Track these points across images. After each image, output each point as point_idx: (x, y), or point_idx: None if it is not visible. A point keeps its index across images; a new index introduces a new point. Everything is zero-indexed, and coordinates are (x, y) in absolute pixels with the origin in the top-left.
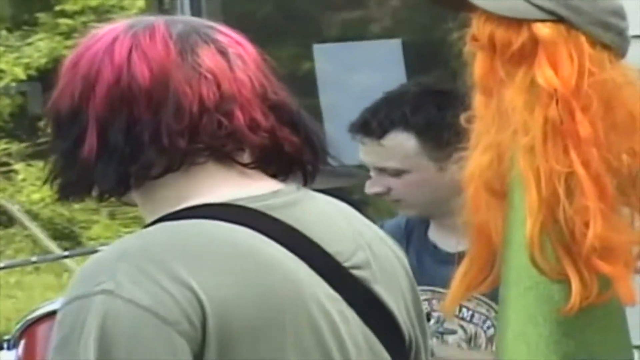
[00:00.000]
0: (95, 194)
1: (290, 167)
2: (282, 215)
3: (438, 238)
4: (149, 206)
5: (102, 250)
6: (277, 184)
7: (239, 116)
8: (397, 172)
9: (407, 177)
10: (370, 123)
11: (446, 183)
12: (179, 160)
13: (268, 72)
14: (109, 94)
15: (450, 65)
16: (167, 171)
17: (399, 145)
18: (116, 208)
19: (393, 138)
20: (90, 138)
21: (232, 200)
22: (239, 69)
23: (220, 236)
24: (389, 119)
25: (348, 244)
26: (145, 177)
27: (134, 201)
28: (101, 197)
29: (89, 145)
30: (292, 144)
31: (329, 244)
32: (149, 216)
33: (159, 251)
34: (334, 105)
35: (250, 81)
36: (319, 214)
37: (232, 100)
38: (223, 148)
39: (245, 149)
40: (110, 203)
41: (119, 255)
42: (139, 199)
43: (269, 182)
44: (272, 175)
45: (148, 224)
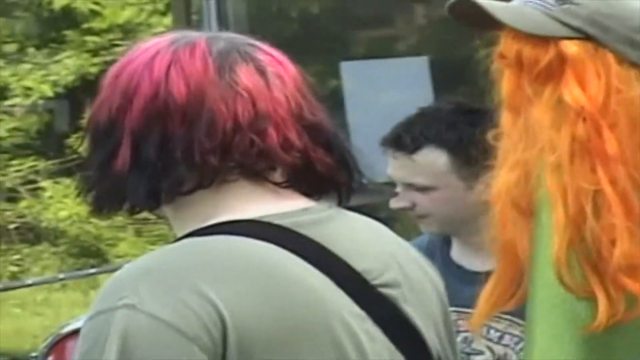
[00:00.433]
0: (126, 208)
1: (322, 187)
2: (311, 232)
3: (462, 257)
4: (179, 221)
5: (127, 266)
6: (308, 202)
7: (272, 135)
8: (425, 189)
9: (434, 194)
10: (403, 138)
11: (472, 202)
12: (210, 177)
13: (307, 92)
14: (146, 108)
15: (477, 83)
16: (198, 188)
17: (431, 161)
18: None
19: (425, 154)
20: (124, 151)
21: (260, 217)
22: (277, 88)
23: (244, 252)
24: (423, 134)
25: (377, 263)
26: (175, 193)
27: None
28: (132, 211)
29: (123, 158)
30: (325, 165)
31: (357, 261)
32: (179, 232)
33: (181, 266)
34: (361, 122)
35: (287, 100)
36: (349, 232)
37: (267, 119)
38: (254, 167)
39: (277, 168)
40: (137, 220)
41: (142, 270)
42: (170, 213)
43: (300, 200)
44: (305, 194)
45: (176, 239)
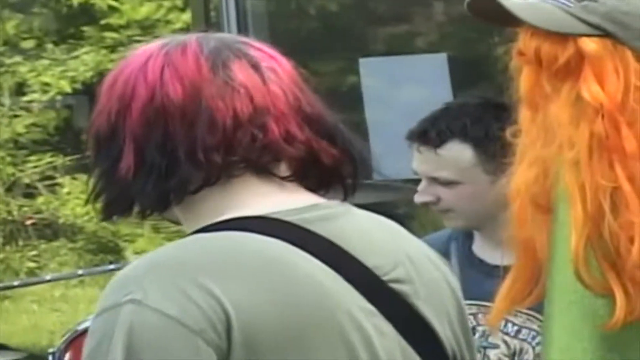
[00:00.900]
0: (136, 211)
1: (328, 180)
2: (319, 228)
3: (483, 252)
4: (189, 221)
5: (134, 262)
6: (317, 198)
7: (273, 129)
8: (449, 183)
9: (459, 189)
10: (429, 132)
11: (496, 196)
12: (216, 174)
13: (303, 86)
14: (144, 112)
15: (496, 80)
16: (204, 185)
17: (456, 155)
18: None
19: (450, 148)
20: (127, 156)
21: (269, 213)
22: (272, 82)
23: (251, 248)
24: (449, 129)
25: (388, 259)
26: (183, 192)
27: (176, 217)
28: (143, 214)
29: (126, 163)
30: (330, 156)
31: (367, 257)
32: (190, 231)
33: (187, 262)
34: (380, 119)
35: (284, 94)
36: (359, 229)
37: (266, 113)
38: (259, 161)
39: (281, 161)
40: (154, 217)
41: (148, 266)
42: (180, 214)
43: (308, 196)
44: (312, 190)
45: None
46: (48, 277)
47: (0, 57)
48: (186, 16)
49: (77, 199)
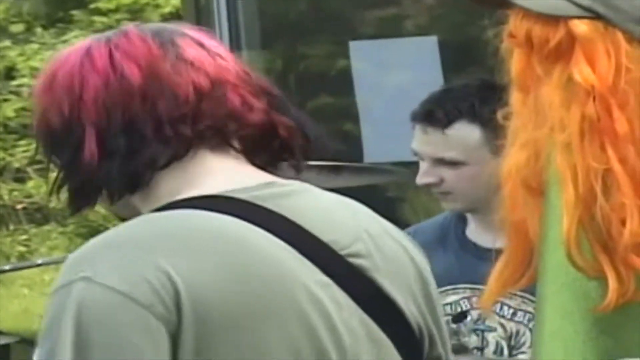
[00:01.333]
0: (104, 198)
1: (280, 156)
2: (272, 205)
3: (477, 235)
4: (148, 206)
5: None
6: (272, 177)
7: (232, 98)
8: (455, 163)
9: (464, 169)
10: (436, 112)
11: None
12: (184, 147)
13: (244, 64)
14: (98, 98)
15: (486, 63)
16: (173, 160)
17: (464, 136)
18: None
19: (458, 128)
20: (89, 143)
21: (223, 192)
22: (219, 57)
23: (204, 225)
24: (457, 109)
25: (346, 234)
26: (152, 170)
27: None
28: (111, 200)
29: (89, 150)
30: (287, 128)
31: (323, 232)
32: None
33: (138, 240)
34: (370, 102)
35: (233, 68)
36: (316, 206)
37: (222, 85)
38: (225, 129)
39: (240, 134)
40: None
41: (100, 244)
42: (139, 201)
43: (263, 175)
44: (264, 167)
45: None
46: (39, 262)
47: None
48: (175, 1)
49: None
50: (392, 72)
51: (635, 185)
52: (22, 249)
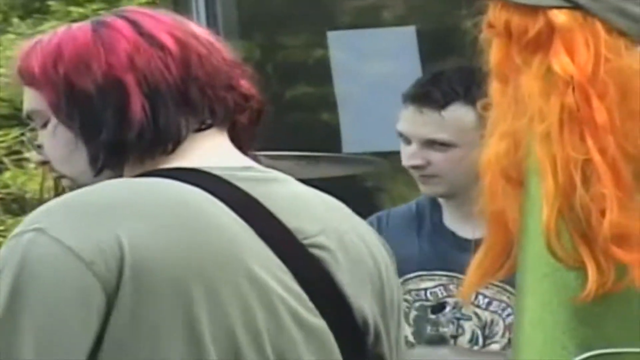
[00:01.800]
0: (149, 149)
1: (248, 136)
2: (247, 186)
3: (455, 225)
4: (131, 172)
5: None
6: (253, 163)
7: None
8: (446, 145)
9: (453, 152)
10: (433, 93)
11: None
12: (225, 113)
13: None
14: (133, 59)
15: (465, 52)
16: (214, 123)
17: (459, 117)
18: None
19: (454, 110)
20: (134, 97)
21: (202, 167)
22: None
23: (166, 192)
24: (453, 90)
25: (312, 225)
26: (205, 127)
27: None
28: (164, 148)
29: (134, 103)
30: (257, 102)
31: (289, 220)
32: None
33: (97, 200)
34: (348, 92)
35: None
36: (288, 195)
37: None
38: (228, 100)
39: (240, 107)
40: None
41: (61, 202)
42: (129, 172)
43: (246, 159)
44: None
45: None
46: None
47: None
48: None
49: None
50: (371, 62)
51: (615, 175)
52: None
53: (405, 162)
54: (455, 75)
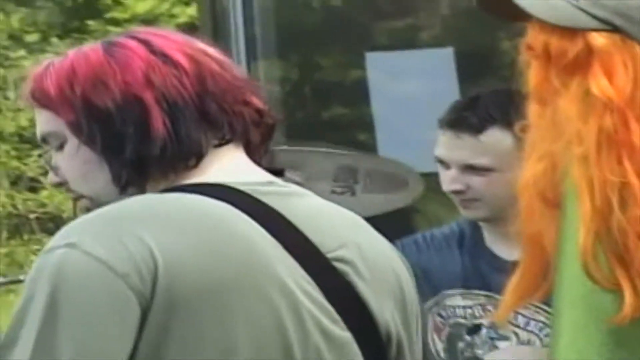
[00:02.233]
0: (172, 164)
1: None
2: (269, 200)
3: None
4: (156, 188)
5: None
6: (274, 177)
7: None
8: (485, 170)
9: (493, 176)
10: (469, 118)
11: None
12: (242, 128)
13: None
14: (149, 76)
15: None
16: (233, 138)
17: (497, 141)
18: None
19: (492, 134)
20: (154, 112)
21: (227, 182)
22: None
23: (195, 207)
24: (490, 115)
25: (334, 239)
26: (220, 139)
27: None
28: (187, 163)
29: (155, 118)
30: (271, 117)
31: (312, 233)
32: None
33: (128, 214)
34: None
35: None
36: (312, 209)
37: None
38: (243, 115)
39: (254, 121)
40: None
41: (92, 217)
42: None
43: (266, 174)
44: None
45: None
46: None
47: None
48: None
49: None
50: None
51: None
52: (35, 258)
53: (446, 188)
54: (491, 99)
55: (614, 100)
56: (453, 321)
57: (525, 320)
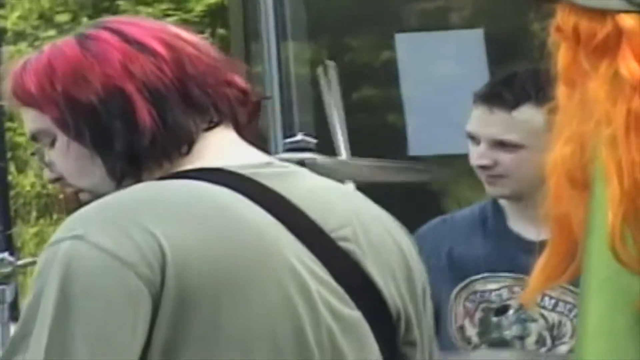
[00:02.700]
0: (164, 153)
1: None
2: (270, 182)
3: (520, 227)
4: (153, 175)
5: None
6: (270, 157)
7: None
8: (515, 146)
9: (521, 153)
10: (504, 94)
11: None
12: (228, 109)
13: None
14: (128, 67)
15: (532, 56)
16: (221, 120)
17: (529, 119)
18: None
19: (525, 111)
20: (139, 103)
21: (226, 166)
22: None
23: (197, 193)
24: (525, 91)
25: (336, 217)
26: (201, 129)
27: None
28: (179, 150)
29: (140, 109)
30: (256, 94)
31: (315, 213)
32: None
33: (132, 204)
34: (415, 95)
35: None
36: (310, 188)
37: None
38: (228, 97)
39: (240, 102)
40: None
41: (96, 207)
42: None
43: (263, 155)
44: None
45: None
46: None
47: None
48: None
49: None
50: (438, 65)
51: None
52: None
53: (473, 162)
54: (528, 77)
55: None
56: (484, 305)
57: (553, 301)
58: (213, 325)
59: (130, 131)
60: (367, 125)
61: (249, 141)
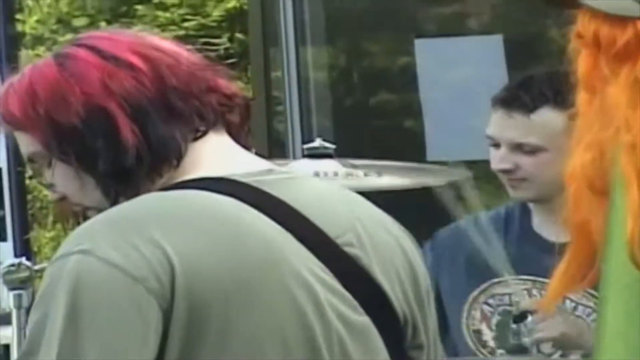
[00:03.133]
0: (153, 169)
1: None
2: (274, 190)
3: (542, 228)
4: (154, 186)
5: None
6: (270, 164)
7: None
8: (535, 150)
9: (542, 156)
10: (522, 97)
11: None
12: (214, 116)
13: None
14: (108, 85)
15: (551, 62)
16: (208, 128)
17: (548, 121)
18: None
19: (543, 114)
20: (121, 121)
21: (228, 175)
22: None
23: (203, 204)
24: (543, 94)
25: (340, 222)
26: (190, 140)
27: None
28: (169, 163)
29: (125, 128)
30: (243, 97)
31: (319, 219)
32: None
33: (138, 217)
34: (433, 100)
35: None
36: (312, 194)
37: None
38: (214, 105)
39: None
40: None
41: (102, 220)
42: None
43: (263, 162)
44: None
45: None
46: None
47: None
48: None
49: None
50: (457, 70)
51: None
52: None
53: (494, 166)
54: (545, 80)
55: None
56: (501, 309)
57: (573, 305)
58: (224, 335)
59: (113, 150)
60: (385, 130)
61: (244, 145)
